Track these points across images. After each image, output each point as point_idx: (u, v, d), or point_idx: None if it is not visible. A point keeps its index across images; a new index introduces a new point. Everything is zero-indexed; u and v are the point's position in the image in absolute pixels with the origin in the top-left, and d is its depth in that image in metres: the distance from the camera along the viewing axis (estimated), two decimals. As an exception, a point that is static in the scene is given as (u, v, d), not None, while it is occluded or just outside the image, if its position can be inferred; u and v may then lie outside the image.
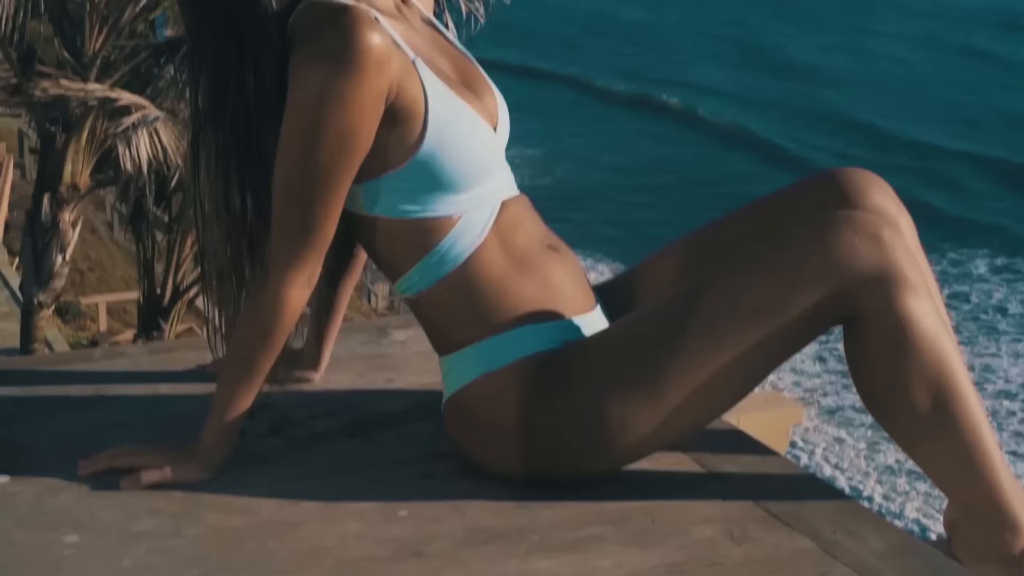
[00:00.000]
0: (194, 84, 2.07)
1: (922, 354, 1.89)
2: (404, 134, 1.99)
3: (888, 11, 59.92)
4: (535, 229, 2.16)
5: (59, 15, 11.29)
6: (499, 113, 2.17)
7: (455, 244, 2.06)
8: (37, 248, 11.81)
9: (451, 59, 2.17)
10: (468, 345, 2.07)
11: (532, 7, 47.44)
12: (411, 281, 2.10)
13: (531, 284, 2.09)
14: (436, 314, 2.12)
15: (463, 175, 2.03)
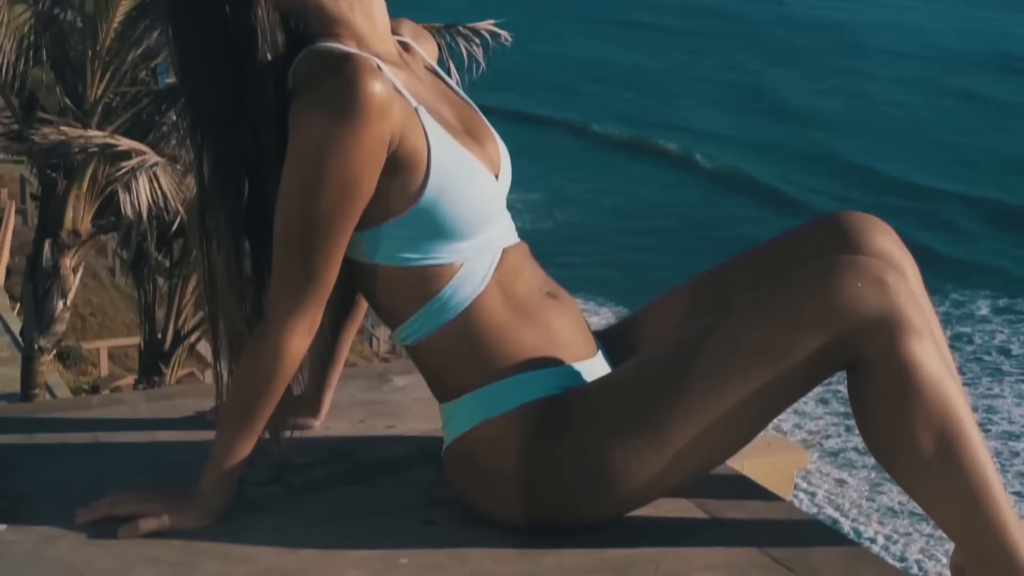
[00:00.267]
0: (198, 158, 2.07)
1: (926, 398, 1.87)
2: (406, 182, 1.98)
3: (884, 55, 60.18)
4: (535, 277, 2.15)
5: (61, 62, 11.33)
6: (501, 161, 2.17)
7: (456, 292, 2.04)
8: (38, 293, 11.81)
9: (454, 107, 2.17)
10: (468, 392, 2.06)
11: (530, 53, 47.67)
12: (411, 329, 2.08)
13: (531, 331, 2.08)
14: (436, 361, 2.10)
15: (465, 223, 2.03)
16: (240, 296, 2.07)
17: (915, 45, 62.48)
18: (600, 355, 2.18)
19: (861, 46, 62.43)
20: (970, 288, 29.27)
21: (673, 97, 51.09)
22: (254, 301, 2.07)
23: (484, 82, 11.50)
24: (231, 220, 2.05)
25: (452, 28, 11.79)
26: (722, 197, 37.58)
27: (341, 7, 2.04)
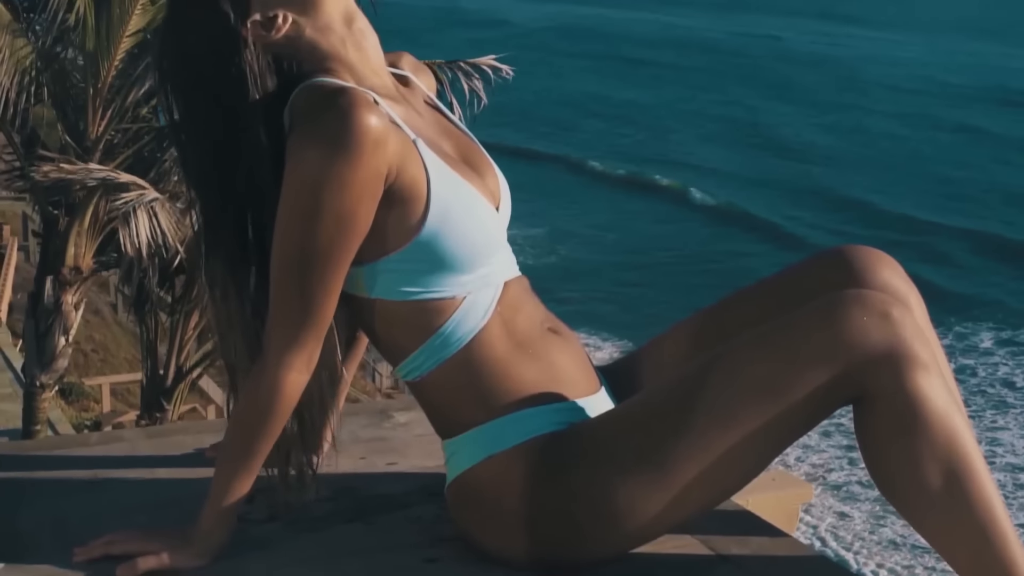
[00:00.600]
0: (193, 197, 2.07)
1: (933, 433, 1.85)
2: (406, 215, 1.97)
3: (881, 89, 60.45)
4: (536, 311, 2.13)
5: (62, 99, 11.36)
6: (501, 193, 2.16)
7: (459, 326, 2.03)
8: (39, 330, 11.80)
9: (453, 139, 2.16)
10: (471, 428, 2.04)
11: (530, 89, 47.90)
12: (414, 364, 2.07)
13: (534, 367, 2.06)
14: (439, 397, 2.08)
15: (466, 255, 2.01)
16: (243, 334, 2.06)
17: (913, 79, 62.83)
18: (603, 391, 2.16)
19: (859, 80, 62.80)
20: (972, 320, 29.29)
21: (672, 132, 51.38)
22: (257, 338, 2.06)
23: (485, 118, 11.52)
24: (229, 259, 2.04)
25: (454, 64, 11.81)
26: (722, 232, 37.69)
27: (333, 42, 2.04)
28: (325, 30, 2.04)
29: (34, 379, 12.20)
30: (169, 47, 2.05)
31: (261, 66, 2.00)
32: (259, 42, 2.01)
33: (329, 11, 2.05)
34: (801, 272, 2.17)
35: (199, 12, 2.01)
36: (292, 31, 2.03)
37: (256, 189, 2.00)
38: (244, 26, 2.00)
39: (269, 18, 2.02)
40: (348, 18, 2.07)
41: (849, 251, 2.14)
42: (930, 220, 37.65)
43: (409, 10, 62.33)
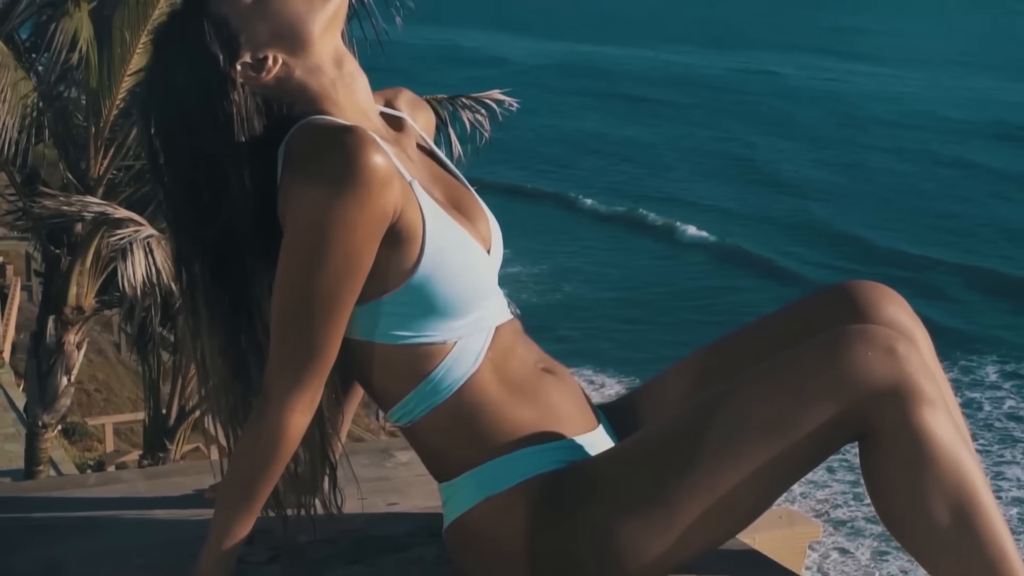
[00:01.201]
0: (174, 242, 2.06)
1: (941, 469, 1.83)
2: (401, 257, 1.95)
3: (880, 124, 60.62)
4: (528, 354, 2.12)
5: (64, 138, 11.38)
6: (492, 237, 2.14)
7: (450, 371, 2.01)
8: (41, 370, 11.79)
9: (444, 183, 2.15)
10: (467, 470, 2.02)
11: (528, 127, 48.05)
12: (405, 409, 2.05)
13: (529, 408, 2.04)
14: (432, 441, 2.06)
15: (458, 300, 1.99)
16: (228, 373, 2.05)
17: (911, 114, 63.01)
18: (601, 428, 2.14)
19: (857, 116, 63.01)
20: (976, 353, 29.27)
21: (670, 169, 51.57)
22: (239, 384, 2.05)
23: (485, 155, 11.53)
24: (211, 304, 2.03)
25: (456, 99, 11.82)
26: (721, 269, 37.76)
27: (324, 84, 2.03)
28: (315, 72, 2.03)
29: (36, 419, 12.17)
30: (155, 88, 2.05)
31: (249, 108, 1.99)
32: (248, 84, 2.00)
33: (319, 53, 2.04)
34: (804, 308, 2.15)
35: (187, 53, 2.00)
36: (282, 72, 2.02)
37: (238, 234, 1.98)
38: (233, 68, 1.99)
39: (259, 60, 2.01)
40: (338, 60, 2.06)
41: (853, 286, 2.13)
42: (928, 256, 37.62)
43: (408, 48, 62.67)
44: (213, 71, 1.98)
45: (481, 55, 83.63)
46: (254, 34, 2.01)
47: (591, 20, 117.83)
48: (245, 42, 2.00)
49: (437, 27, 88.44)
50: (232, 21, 2.00)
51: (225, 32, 2.00)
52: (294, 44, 2.02)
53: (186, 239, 2.04)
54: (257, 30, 2.01)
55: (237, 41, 2.00)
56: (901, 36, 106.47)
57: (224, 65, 1.98)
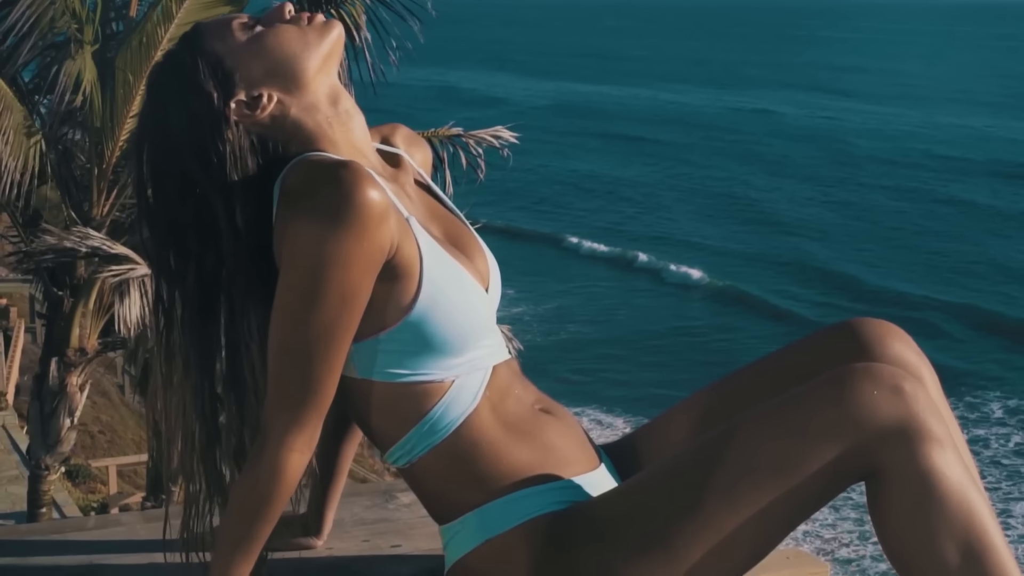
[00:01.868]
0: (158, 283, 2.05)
1: (949, 508, 1.81)
2: (398, 293, 1.94)
3: (876, 163, 60.83)
4: (526, 394, 2.10)
5: (67, 180, 11.40)
6: (491, 275, 2.13)
7: (448, 411, 1.99)
8: (44, 412, 11.76)
9: (442, 221, 2.14)
10: (468, 511, 2.00)
11: (527, 167, 48.24)
12: (404, 450, 2.03)
13: (528, 449, 2.02)
14: (431, 482, 2.04)
15: (456, 338, 1.98)
16: (200, 427, 2.04)
17: (907, 152, 63.23)
18: (603, 468, 2.12)
19: (853, 154, 63.35)
20: (981, 389, 29.26)
21: (668, 209, 51.88)
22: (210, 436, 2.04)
23: (482, 195, 11.54)
24: (190, 348, 2.02)
25: (457, 136, 11.84)
26: (721, 309, 37.87)
27: (319, 122, 2.03)
28: (311, 110, 2.03)
29: (39, 461, 12.14)
30: (149, 125, 2.04)
31: (243, 147, 1.99)
32: (243, 122, 2.00)
33: (315, 91, 2.03)
34: (809, 346, 2.13)
35: (182, 91, 2.00)
36: (277, 111, 2.01)
37: (228, 274, 1.98)
38: (228, 106, 1.98)
39: (254, 97, 2.00)
40: (334, 98, 2.06)
41: (858, 324, 2.11)
42: (924, 294, 37.63)
43: (405, 90, 62.96)
44: (207, 109, 1.97)
45: (478, 95, 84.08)
46: (249, 72, 2.01)
47: (590, 60, 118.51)
48: (240, 80, 2.00)
49: (435, 68, 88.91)
50: (227, 59, 2.00)
51: (220, 70, 1.99)
52: (289, 82, 2.02)
53: (168, 278, 2.03)
54: (252, 68, 2.01)
55: (232, 79, 2.00)
56: (897, 75, 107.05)
57: (218, 103, 1.98)
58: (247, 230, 1.96)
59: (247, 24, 2.05)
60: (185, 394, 2.05)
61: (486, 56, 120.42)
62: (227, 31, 2.04)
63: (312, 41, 2.04)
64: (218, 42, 2.02)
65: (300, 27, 2.05)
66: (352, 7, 11.11)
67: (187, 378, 2.04)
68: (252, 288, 1.98)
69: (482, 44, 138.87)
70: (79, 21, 10.58)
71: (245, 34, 2.04)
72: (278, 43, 2.02)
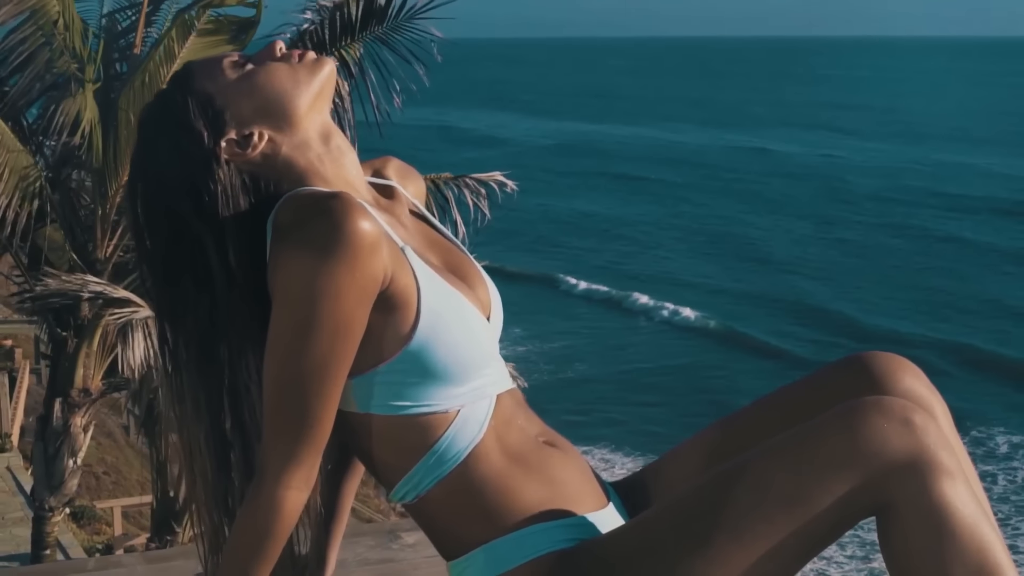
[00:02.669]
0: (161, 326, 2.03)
1: (962, 543, 1.78)
2: (396, 323, 1.91)
3: (873, 200, 61.01)
4: (530, 424, 2.07)
5: (70, 220, 11.41)
6: (492, 303, 2.11)
7: (454, 442, 1.96)
8: (48, 453, 11.74)
9: (441, 249, 2.12)
10: (475, 547, 1.97)
11: (524, 208, 48.43)
12: (410, 484, 1.99)
13: (535, 482, 1.99)
14: (439, 518, 2.01)
15: (458, 366, 1.95)
16: (212, 467, 2.02)
17: (906, 190, 63.45)
18: (612, 506, 2.09)
19: (851, 192, 63.56)
20: (985, 425, 29.24)
21: (666, 249, 52.18)
22: (223, 473, 2.02)
23: (481, 235, 11.56)
24: (196, 388, 2.00)
25: (459, 179, 11.86)
26: (720, 349, 37.93)
27: (310, 159, 2.01)
28: (302, 147, 2.01)
29: (43, 503, 12.10)
30: (141, 166, 2.03)
31: (235, 186, 1.97)
32: (234, 161, 1.98)
33: (306, 127, 2.02)
34: (819, 380, 2.10)
35: (172, 131, 1.99)
36: (268, 149, 2.00)
37: (225, 311, 1.96)
38: (218, 145, 1.97)
39: (245, 136, 1.99)
40: (325, 135, 2.04)
41: (869, 357, 2.08)
42: (922, 333, 37.55)
43: (409, 131, 63.32)
44: (198, 148, 1.96)
45: (480, 136, 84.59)
46: (240, 111, 1.99)
47: (592, 100, 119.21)
48: (231, 119, 1.99)
49: (437, 108, 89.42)
50: (217, 98, 1.99)
51: (210, 109, 1.98)
52: (280, 120, 2.00)
53: (170, 320, 2.01)
54: (242, 107, 2.00)
55: (222, 118, 1.98)
56: (898, 112, 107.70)
57: (209, 142, 1.97)
58: (241, 271, 1.95)
59: (238, 63, 2.04)
60: (194, 436, 2.03)
61: (489, 96, 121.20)
62: (217, 70, 2.03)
63: (303, 79, 2.02)
64: (208, 81, 2.01)
65: (291, 65, 2.04)
66: (351, 49, 11.16)
67: (197, 420, 2.02)
68: (248, 330, 1.97)
69: (485, 84, 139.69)
70: (79, 60, 10.59)
71: (235, 73, 2.02)
72: (269, 81, 2.01)
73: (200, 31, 10.76)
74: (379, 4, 11.15)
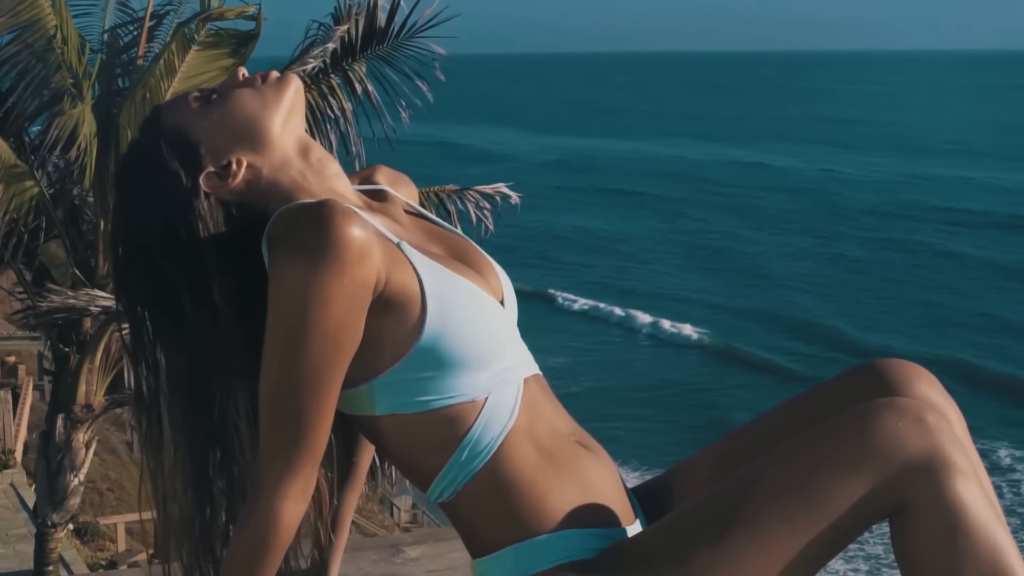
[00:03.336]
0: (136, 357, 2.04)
1: (976, 543, 1.78)
2: (402, 321, 1.89)
3: (870, 215, 61.11)
4: (559, 416, 2.05)
5: (73, 235, 11.38)
6: (504, 288, 2.09)
7: (486, 431, 1.94)
8: (51, 469, 11.70)
9: (443, 240, 2.11)
10: (505, 546, 1.95)
11: (523, 224, 48.49)
12: (446, 481, 1.96)
13: (567, 481, 1.97)
14: (472, 514, 1.98)
15: (477, 352, 1.93)
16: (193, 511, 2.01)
17: (905, 205, 63.54)
18: (639, 523, 2.07)
19: (850, 207, 63.70)
20: (988, 438, 29.23)
21: (664, 264, 52.34)
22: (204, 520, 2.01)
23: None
24: (179, 433, 1.99)
25: (463, 192, 11.85)
26: (719, 365, 38.09)
27: (293, 176, 2.00)
28: (283, 166, 2.01)
29: (46, 519, 12.07)
30: (121, 217, 2.01)
31: (218, 219, 1.96)
32: (218, 193, 1.97)
33: (283, 146, 2.01)
34: (833, 387, 2.09)
35: (149, 176, 1.97)
36: (249, 175, 1.99)
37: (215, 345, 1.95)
38: (198, 181, 1.96)
39: (223, 166, 1.98)
40: (303, 150, 2.03)
41: (883, 364, 2.07)
42: (920, 349, 37.49)
43: (410, 147, 63.56)
44: (177, 188, 1.95)
45: (482, 152, 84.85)
46: (213, 142, 1.98)
47: (594, 115, 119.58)
48: (206, 152, 1.98)
49: (439, 124, 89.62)
50: (188, 134, 1.98)
51: (183, 147, 1.98)
52: (256, 143, 1.99)
53: (149, 366, 2.01)
54: (215, 137, 1.99)
55: (197, 153, 1.97)
56: (898, 126, 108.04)
57: (187, 180, 1.95)
58: (227, 306, 1.94)
59: (202, 96, 2.03)
60: (177, 479, 2.02)
61: (491, 112, 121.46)
62: (183, 107, 2.02)
63: (270, 99, 2.02)
64: (177, 119, 2.00)
65: (256, 88, 2.03)
66: (356, 67, 11.16)
67: (173, 468, 2.01)
68: (236, 366, 1.95)
69: (488, 100, 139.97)
70: (75, 76, 10.57)
71: (202, 106, 2.01)
72: (236, 107, 2.00)
73: (200, 45, 10.74)
74: (379, 26, 11.16)
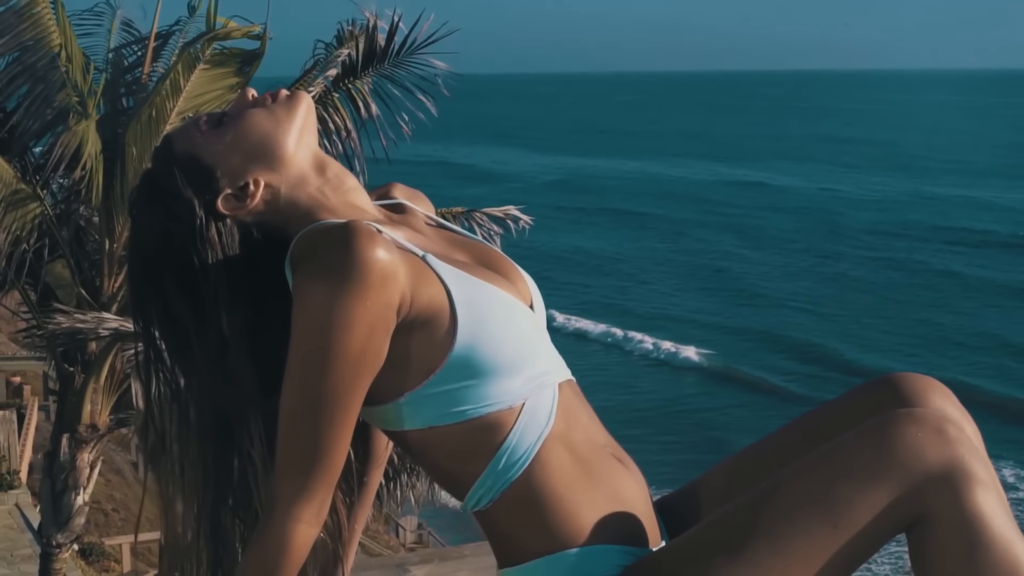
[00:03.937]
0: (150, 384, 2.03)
1: (996, 555, 1.78)
2: (433, 334, 1.88)
3: (869, 235, 61.04)
4: (593, 426, 2.04)
5: (78, 255, 11.37)
6: (532, 293, 2.08)
7: (523, 437, 1.93)
8: (56, 489, 11.68)
9: (468, 248, 2.09)
10: (535, 558, 1.94)
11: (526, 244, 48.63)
12: (483, 489, 1.95)
13: (601, 495, 1.97)
14: (507, 524, 1.97)
15: (510, 358, 1.92)
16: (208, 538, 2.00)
17: (905, 224, 63.52)
18: (663, 541, 2.06)
19: (849, 227, 63.70)
20: (992, 457, 29.22)
21: (664, 286, 52.29)
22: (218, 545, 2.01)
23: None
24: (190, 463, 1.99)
25: (470, 213, 11.86)
26: (722, 386, 38.02)
27: (312, 193, 2.00)
28: (301, 184, 2.00)
29: (50, 539, 12.04)
30: (136, 242, 2.01)
31: (237, 243, 1.96)
32: (237, 215, 1.97)
33: (299, 163, 2.00)
34: (848, 401, 2.08)
35: (166, 205, 1.96)
36: (267, 195, 1.98)
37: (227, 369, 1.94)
38: (215, 204, 1.95)
39: (240, 188, 1.97)
40: (319, 166, 2.03)
41: (899, 378, 2.06)
42: (920, 370, 37.36)
43: (413, 166, 63.52)
44: (191, 214, 1.94)
45: (485, 171, 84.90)
46: (228, 165, 1.97)
47: (596, 135, 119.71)
48: (222, 176, 1.97)
49: (442, 144, 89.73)
50: (203, 159, 1.98)
51: (198, 172, 1.97)
52: (271, 162, 1.98)
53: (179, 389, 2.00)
54: (230, 160, 1.98)
55: (213, 176, 1.97)
56: (899, 146, 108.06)
57: (202, 205, 1.95)
58: (238, 332, 1.94)
59: (212, 119, 2.03)
60: (188, 503, 2.02)
61: (493, 132, 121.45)
62: (195, 132, 2.01)
63: (282, 117, 2.01)
64: (189, 145, 1.99)
65: (267, 107, 2.02)
66: (359, 85, 11.17)
67: (188, 494, 2.01)
68: (250, 391, 1.95)
69: (491, 120, 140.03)
70: (80, 94, 10.56)
71: (213, 129, 2.00)
72: (249, 128, 1.99)
73: (206, 64, 10.74)
74: (379, 45, 11.19)
